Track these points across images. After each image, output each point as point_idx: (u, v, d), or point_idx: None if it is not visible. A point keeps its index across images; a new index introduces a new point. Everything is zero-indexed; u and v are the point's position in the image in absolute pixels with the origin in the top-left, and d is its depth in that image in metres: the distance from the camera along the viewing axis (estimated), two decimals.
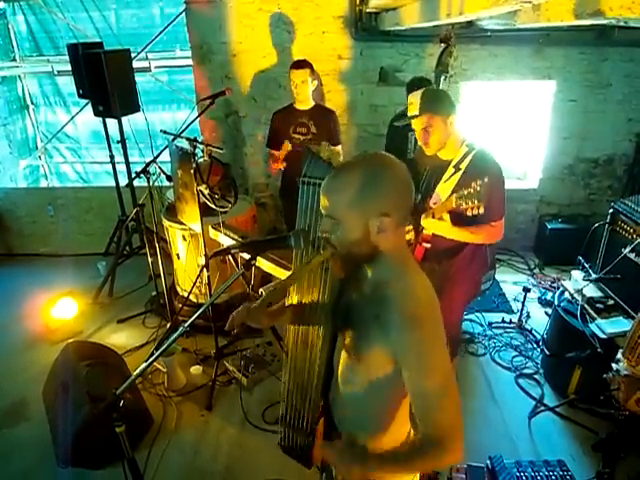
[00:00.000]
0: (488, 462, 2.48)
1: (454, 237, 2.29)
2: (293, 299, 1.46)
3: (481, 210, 2.06)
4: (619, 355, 2.44)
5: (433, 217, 2.23)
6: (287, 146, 3.48)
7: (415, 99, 2.23)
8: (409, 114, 2.28)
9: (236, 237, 2.89)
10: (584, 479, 2.41)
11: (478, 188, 2.01)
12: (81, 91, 4.12)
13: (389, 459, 1.16)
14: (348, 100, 4.40)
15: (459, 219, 2.22)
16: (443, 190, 2.30)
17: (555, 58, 4.20)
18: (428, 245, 2.37)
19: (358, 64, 4.27)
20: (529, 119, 4.57)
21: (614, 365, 2.43)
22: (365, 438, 1.33)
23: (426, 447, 1.10)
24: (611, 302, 2.90)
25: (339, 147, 3.68)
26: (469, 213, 2.08)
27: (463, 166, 2.27)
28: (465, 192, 2.05)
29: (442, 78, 3.03)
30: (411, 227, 2.38)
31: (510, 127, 4.58)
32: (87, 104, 4.60)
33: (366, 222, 1.12)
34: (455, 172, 2.28)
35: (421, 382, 1.11)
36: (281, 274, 2.56)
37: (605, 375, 2.47)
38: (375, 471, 1.17)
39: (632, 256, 2.76)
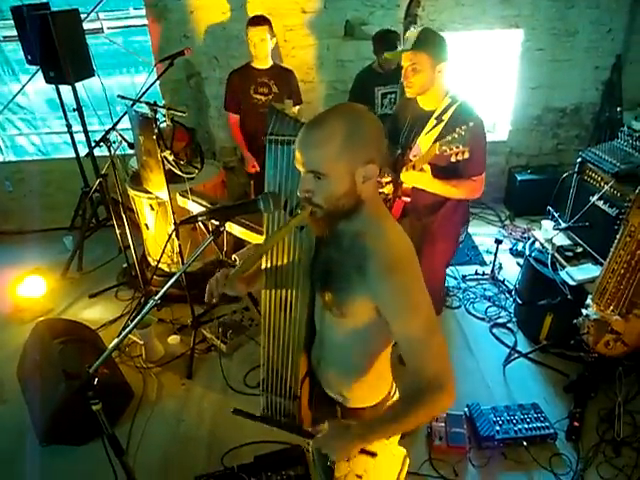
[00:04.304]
0: (466, 409, 2.57)
1: (435, 190, 2.23)
2: (267, 262, 1.42)
3: (466, 155, 2.03)
4: (588, 300, 2.52)
5: (414, 169, 2.18)
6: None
7: (413, 34, 2.16)
8: (404, 48, 2.20)
9: (205, 203, 2.81)
10: (557, 419, 2.52)
11: (463, 133, 1.98)
12: (29, 57, 3.86)
13: (387, 420, 1.16)
14: (314, 56, 4.26)
15: (440, 171, 2.18)
16: (424, 142, 2.25)
17: (523, 5, 4.13)
18: (408, 199, 2.33)
19: (323, 18, 4.11)
20: (497, 70, 4.51)
21: (584, 310, 2.51)
22: (348, 389, 1.35)
23: (422, 391, 1.11)
24: (580, 249, 2.97)
25: (297, 107, 3.59)
26: (453, 159, 2.05)
27: (445, 117, 2.21)
28: (449, 138, 2.02)
29: (411, 29, 2.93)
30: (390, 180, 2.34)
31: (478, 79, 4.52)
32: (38, 71, 4.33)
33: (353, 172, 1.10)
34: (437, 124, 2.23)
35: (406, 325, 1.13)
36: (253, 238, 2.52)
37: (575, 320, 2.56)
38: (377, 439, 1.17)
39: (600, 204, 2.80)
